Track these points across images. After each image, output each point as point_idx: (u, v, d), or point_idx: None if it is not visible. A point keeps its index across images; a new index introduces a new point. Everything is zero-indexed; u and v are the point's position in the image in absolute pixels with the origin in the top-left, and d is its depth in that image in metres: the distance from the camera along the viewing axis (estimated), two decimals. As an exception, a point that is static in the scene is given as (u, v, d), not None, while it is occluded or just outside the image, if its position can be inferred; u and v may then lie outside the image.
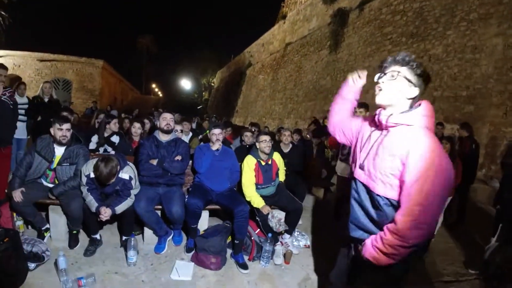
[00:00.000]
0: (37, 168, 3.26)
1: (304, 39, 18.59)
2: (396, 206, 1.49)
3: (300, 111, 16.89)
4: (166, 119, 3.51)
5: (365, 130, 1.71)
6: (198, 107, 36.81)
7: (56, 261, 2.70)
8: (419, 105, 1.50)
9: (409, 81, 1.47)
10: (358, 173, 1.64)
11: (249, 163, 3.59)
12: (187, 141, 5.08)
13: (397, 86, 1.48)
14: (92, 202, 3.00)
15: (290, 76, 19.56)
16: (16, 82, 5.54)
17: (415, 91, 1.48)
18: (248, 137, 4.92)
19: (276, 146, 4.34)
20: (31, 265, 2.76)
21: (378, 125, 1.60)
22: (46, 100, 5.50)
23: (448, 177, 1.38)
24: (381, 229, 1.52)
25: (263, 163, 3.63)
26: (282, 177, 3.95)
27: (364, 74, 1.84)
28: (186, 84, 46.45)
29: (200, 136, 5.82)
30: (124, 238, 3.32)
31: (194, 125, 6.52)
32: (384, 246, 1.45)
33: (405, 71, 1.47)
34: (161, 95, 53.05)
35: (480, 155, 6.97)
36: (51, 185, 3.30)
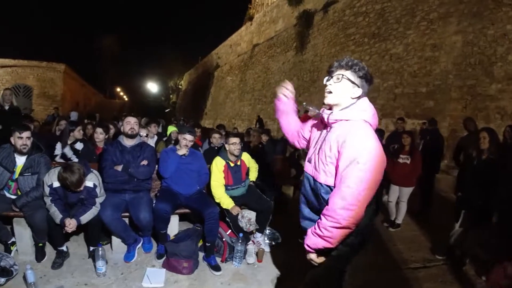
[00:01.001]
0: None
1: (271, 41, 18.79)
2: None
3: (269, 112, 17.03)
4: (130, 123, 3.41)
5: (316, 129, 1.88)
6: (166, 110, 36.15)
7: (24, 275, 2.59)
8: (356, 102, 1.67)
9: (353, 82, 1.63)
10: (307, 166, 1.82)
11: (218, 164, 3.57)
12: (153, 145, 4.98)
13: (342, 88, 1.64)
14: (56, 214, 2.88)
15: (258, 77, 19.69)
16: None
17: (358, 91, 1.65)
18: (216, 139, 4.90)
19: (245, 147, 4.36)
20: (1, 280, 2.65)
21: (325, 123, 1.75)
22: (6, 108, 5.26)
23: (379, 163, 1.53)
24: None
25: (232, 164, 3.62)
26: (254, 175, 3.95)
27: (290, 86, 1.99)
28: (152, 87, 45.61)
29: (165, 138, 5.74)
30: (91, 248, 3.20)
31: (160, 129, 6.40)
32: (320, 229, 1.59)
33: (348, 74, 1.63)
34: (126, 99, 51.63)
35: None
36: (14, 197, 3.15)
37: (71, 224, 2.84)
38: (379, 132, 5.25)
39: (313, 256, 1.72)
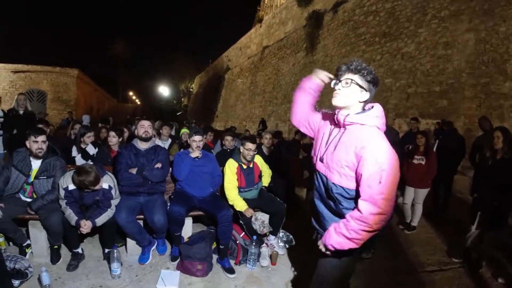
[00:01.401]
0: (14, 182, 3.16)
1: (281, 42, 18.78)
2: (347, 195, 1.70)
3: (280, 113, 17.01)
4: (144, 126, 3.44)
5: (326, 126, 1.88)
6: (178, 114, 36.40)
7: (39, 277, 2.62)
8: (372, 107, 1.71)
9: (361, 87, 1.66)
10: (319, 165, 1.83)
11: (231, 166, 3.58)
12: (166, 148, 5.01)
13: (350, 92, 1.67)
14: (71, 216, 2.92)
15: (269, 79, 19.69)
16: (-11, 96, 5.38)
17: (366, 95, 1.67)
18: (229, 141, 4.90)
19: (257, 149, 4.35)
20: (15, 282, 2.66)
21: (337, 123, 1.76)
22: (21, 112, 5.36)
23: (397, 169, 1.59)
24: (337, 216, 1.78)
25: (245, 167, 3.63)
26: (267, 181, 3.95)
27: (327, 76, 1.97)
28: (164, 90, 46.02)
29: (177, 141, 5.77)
30: (106, 250, 3.23)
31: (173, 132, 6.44)
32: (348, 231, 1.63)
33: (357, 78, 1.65)
34: (139, 102, 52.23)
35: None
36: (29, 200, 3.19)
37: (86, 225, 2.88)
38: (393, 131, 5.20)
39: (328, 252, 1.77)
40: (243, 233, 3.47)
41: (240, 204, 3.44)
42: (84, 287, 2.79)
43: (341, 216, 1.74)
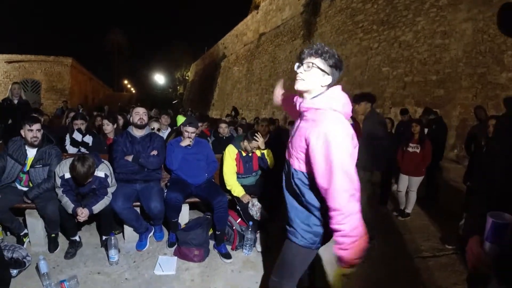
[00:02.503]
0: (10, 172, 3.14)
1: (278, 29, 18.59)
2: (306, 181, 1.69)
3: (277, 102, 16.92)
4: (139, 113, 3.43)
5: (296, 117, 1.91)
6: (173, 102, 36.19)
7: (37, 266, 2.63)
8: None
9: (323, 70, 1.63)
10: (286, 152, 1.86)
11: (231, 152, 3.60)
12: (165, 137, 5.00)
13: (312, 76, 1.65)
14: (68, 204, 2.92)
15: (265, 66, 19.55)
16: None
17: (329, 79, 1.65)
18: (223, 129, 4.91)
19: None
20: (14, 272, 2.68)
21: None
22: (15, 102, 5.32)
23: (347, 149, 1.54)
24: (301, 206, 1.76)
25: (244, 154, 3.65)
26: (271, 161, 3.84)
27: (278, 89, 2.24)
28: (159, 79, 45.64)
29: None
30: (104, 237, 3.26)
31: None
32: (340, 228, 1.54)
33: (318, 62, 1.63)
34: (134, 91, 51.81)
35: (451, 136, 7.26)
36: (25, 189, 3.19)
37: (83, 213, 2.88)
38: (389, 120, 5.20)
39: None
40: (240, 219, 3.50)
41: (237, 190, 3.47)
42: (82, 274, 2.81)
43: (304, 206, 1.74)
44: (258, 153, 3.76)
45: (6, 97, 5.33)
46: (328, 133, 1.52)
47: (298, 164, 1.71)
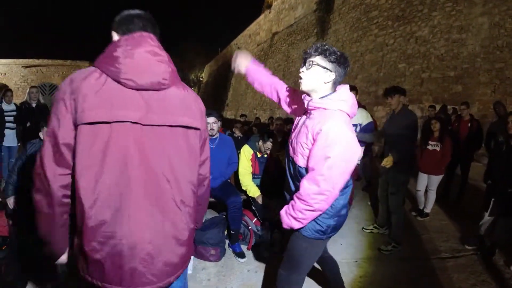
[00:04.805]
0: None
1: (291, 28, 18.53)
2: None
3: (290, 101, 16.88)
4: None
5: (300, 113, 1.91)
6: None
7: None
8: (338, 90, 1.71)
9: (324, 67, 1.63)
10: (288, 149, 1.88)
11: (246, 153, 3.60)
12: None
13: (313, 74, 1.66)
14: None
15: (279, 66, 19.53)
16: (2, 90, 5.47)
17: (331, 76, 1.65)
18: (237, 129, 4.94)
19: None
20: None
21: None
22: (33, 105, 5.45)
23: (350, 153, 1.61)
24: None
25: (259, 155, 3.64)
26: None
27: (238, 57, 2.14)
28: (174, 80, 46.03)
29: None
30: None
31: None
32: (294, 212, 1.70)
33: (318, 59, 1.64)
34: (150, 92, 52.45)
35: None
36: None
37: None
38: (411, 114, 5.09)
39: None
40: (255, 219, 3.50)
41: (253, 190, 3.47)
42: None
43: None
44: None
45: (24, 101, 5.45)
46: (332, 132, 1.57)
47: (302, 160, 1.73)
